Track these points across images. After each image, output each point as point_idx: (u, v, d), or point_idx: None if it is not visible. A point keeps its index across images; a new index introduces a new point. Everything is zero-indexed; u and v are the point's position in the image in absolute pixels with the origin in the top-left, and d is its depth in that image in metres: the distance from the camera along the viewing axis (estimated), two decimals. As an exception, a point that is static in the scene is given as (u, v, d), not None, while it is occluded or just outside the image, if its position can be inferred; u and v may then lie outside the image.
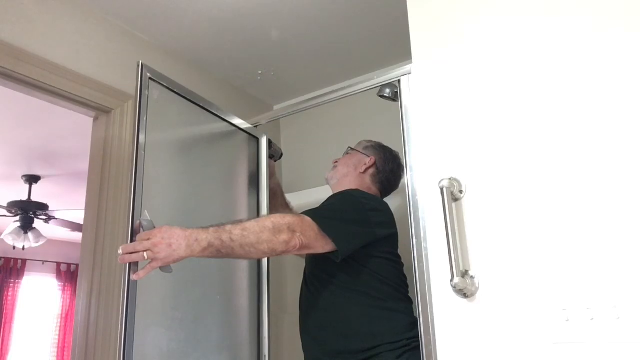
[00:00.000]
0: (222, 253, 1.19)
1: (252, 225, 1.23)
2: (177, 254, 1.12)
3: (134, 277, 1.13)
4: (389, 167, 1.64)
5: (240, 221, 1.25)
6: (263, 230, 1.23)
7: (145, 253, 1.10)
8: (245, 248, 1.20)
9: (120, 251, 1.12)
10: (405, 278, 1.49)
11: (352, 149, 1.73)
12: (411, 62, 1.27)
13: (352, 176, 1.64)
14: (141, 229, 1.17)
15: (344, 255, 1.32)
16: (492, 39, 1.13)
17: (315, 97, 1.57)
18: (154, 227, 1.16)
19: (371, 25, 2.00)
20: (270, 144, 1.77)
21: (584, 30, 1.02)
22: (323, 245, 1.32)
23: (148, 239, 1.11)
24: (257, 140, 1.76)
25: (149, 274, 1.13)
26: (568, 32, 1.04)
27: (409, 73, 1.29)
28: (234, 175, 1.68)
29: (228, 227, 1.20)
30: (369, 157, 1.66)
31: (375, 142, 1.72)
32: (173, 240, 1.12)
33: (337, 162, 1.73)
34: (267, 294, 1.61)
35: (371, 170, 1.64)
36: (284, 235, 1.24)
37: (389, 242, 1.47)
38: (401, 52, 1.34)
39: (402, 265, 1.50)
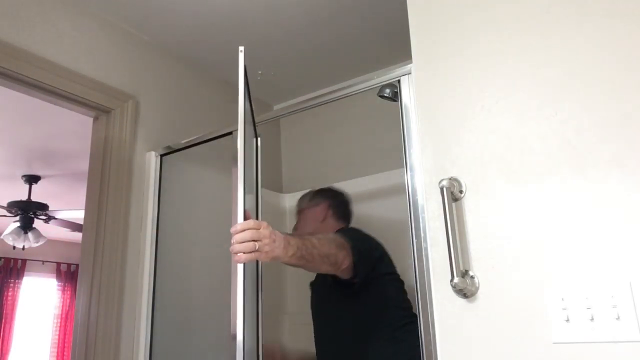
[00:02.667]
0: (305, 260, 1.19)
1: (323, 237, 1.28)
2: (275, 252, 1.09)
3: (236, 259, 1.07)
4: (341, 200, 1.70)
5: (310, 234, 1.29)
6: (331, 242, 1.27)
7: (257, 243, 1.06)
8: (323, 258, 1.23)
9: (233, 239, 1.08)
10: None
11: (300, 210, 1.76)
12: (411, 62, 1.27)
13: (320, 230, 1.65)
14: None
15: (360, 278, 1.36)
16: (492, 38, 1.13)
17: (315, 97, 1.56)
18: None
19: (371, 25, 2.00)
20: None
21: (583, 30, 1.02)
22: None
23: (258, 229, 1.07)
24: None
25: None
26: (568, 31, 1.04)
27: (409, 73, 1.29)
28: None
29: (306, 236, 1.23)
30: (319, 205, 1.69)
31: (313, 190, 1.77)
32: (276, 237, 1.10)
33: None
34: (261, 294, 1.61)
35: (329, 212, 1.68)
36: (343, 251, 1.29)
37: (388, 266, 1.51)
38: (401, 52, 1.35)
39: (403, 283, 1.53)
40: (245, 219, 1.10)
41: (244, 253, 1.05)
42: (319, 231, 1.64)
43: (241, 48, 1.16)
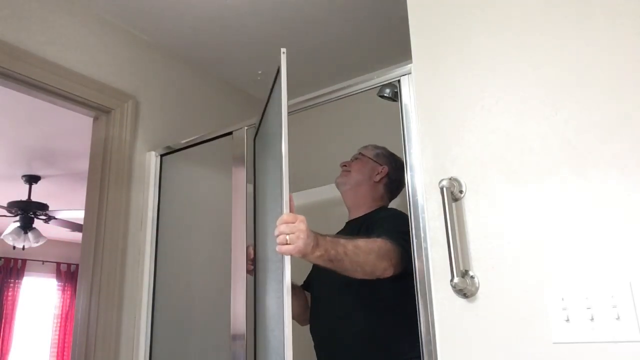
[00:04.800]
0: (332, 263, 1.19)
1: (363, 245, 1.25)
2: (306, 248, 1.09)
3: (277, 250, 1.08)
4: (399, 177, 1.65)
5: (352, 238, 1.25)
6: (371, 252, 1.24)
7: (288, 236, 1.07)
8: (354, 266, 1.22)
9: (278, 230, 1.08)
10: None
11: (362, 154, 1.71)
12: (411, 62, 1.27)
13: (367, 185, 1.65)
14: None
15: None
16: (492, 38, 1.13)
17: (315, 97, 1.56)
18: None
19: (371, 25, 2.00)
20: None
21: (583, 30, 1.02)
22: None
23: (293, 222, 1.08)
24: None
25: None
26: (568, 31, 1.04)
27: (409, 73, 1.29)
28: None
29: (342, 241, 1.21)
30: (382, 166, 1.66)
31: (382, 147, 1.71)
32: (310, 234, 1.10)
33: (346, 165, 1.71)
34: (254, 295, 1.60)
35: (384, 180, 1.65)
36: (385, 263, 1.26)
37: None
38: (401, 52, 1.35)
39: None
40: (290, 211, 1.11)
41: (280, 245, 1.08)
42: (362, 189, 1.63)
43: (283, 50, 1.19)
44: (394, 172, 1.65)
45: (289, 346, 1.00)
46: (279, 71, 1.26)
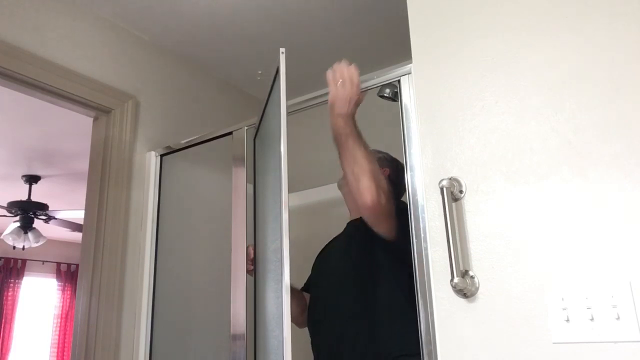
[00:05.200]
0: (342, 146, 1.30)
1: (372, 161, 1.32)
2: (345, 109, 1.27)
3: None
4: (401, 180, 1.64)
5: (369, 153, 1.32)
6: (372, 167, 1.30)
7: (340, 82, 1.25)
8: (353, 167, 1.29)
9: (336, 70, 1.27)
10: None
11: None
12: (411, 62, 1.27)
13: None
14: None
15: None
16: (492, 38, 1.13)
17: (315, 97, 1.56)
18: None
19: (371, 25, 2.00)
20: None
21: (584, 29, 1.02)
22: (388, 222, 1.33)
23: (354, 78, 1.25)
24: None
25: None
26: (568, 31, 1.04)
27: (409, 73, 1.29)
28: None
29: (363, 141, 1.31)
30: (383, 168, 1.65)
31: (385, 153, 1.71)
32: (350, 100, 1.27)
33: None
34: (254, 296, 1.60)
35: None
36: (373, 185, 1.27)
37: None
38: (401, 52, 1.35)
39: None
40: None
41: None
42: None
43: (282, 50, 1.23)
44: (395, 176, 1.64)
45: (288, 346, 1.00)
46: (278, 71, 1.27)
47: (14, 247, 4.28)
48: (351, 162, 1.30)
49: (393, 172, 1.64)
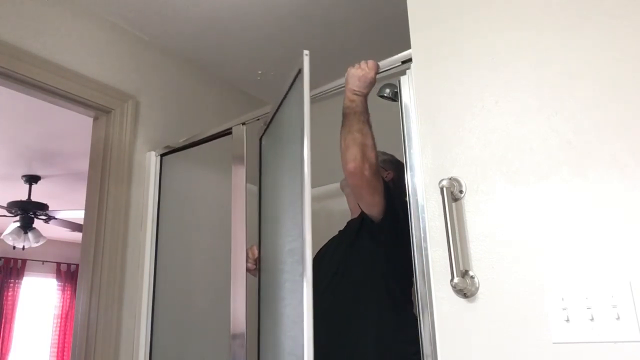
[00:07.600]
0: (345, 117, 1.42)
1: (366, 132, 1.39)
2: (356, 85, 1.39)
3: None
4: (403, 183, 1.65)
5: (367, 132, 1.40)
6: (364, 138, 1.37)
7: (368, 66, 1.37)
8: (347, 136, 1.39)
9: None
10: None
11: None
12: (411, 62, 1.27)
13: None
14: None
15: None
16: (493, 38, 1.13)
17: (314, 96, 1.56)
18: None
19: (371, 25, 2.00)
20: None
21: (584, 29, 1.02)
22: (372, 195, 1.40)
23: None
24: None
25: None
26: (568, 31, 1.04)
27: (409, 69, 1.29)
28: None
29: (365, 119, 1.41)
30: (387, 171, 1.65)
31: (390, 155, 1.71)
32: (368, 88, 1.40)
33: None
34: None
35: (389, 184, 1.63)
36: (361, 154, 1.35)
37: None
38: (401, 51, 1.36)
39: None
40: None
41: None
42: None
43: (306, 52, 1.26)
44: (399, 178, 1.64)
45: (310, 346, 1.01)
46: (300, 72, 1.26)
47: (14, 247, 4.28)
48: (347, 132, 1.38)
49: (397, 175, 1.64)
